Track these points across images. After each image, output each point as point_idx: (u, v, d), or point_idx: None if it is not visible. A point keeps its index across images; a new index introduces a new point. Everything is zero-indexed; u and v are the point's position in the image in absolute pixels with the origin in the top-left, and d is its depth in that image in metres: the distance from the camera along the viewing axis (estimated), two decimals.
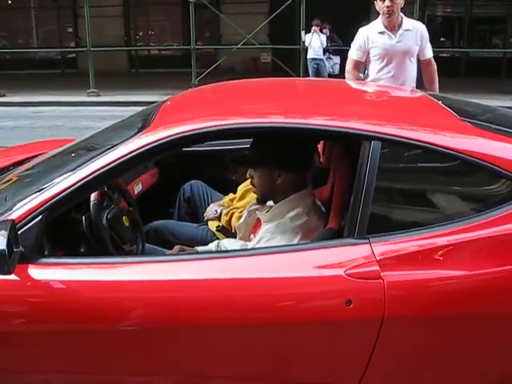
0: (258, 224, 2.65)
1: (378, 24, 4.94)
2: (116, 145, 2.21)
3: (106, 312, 2.00)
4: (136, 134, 2.24)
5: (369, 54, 4.97)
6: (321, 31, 13.97)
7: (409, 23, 4.90)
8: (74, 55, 19.45)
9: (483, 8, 20.04)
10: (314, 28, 13.81)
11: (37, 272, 2.01)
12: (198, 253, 2.63)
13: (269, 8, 17.26)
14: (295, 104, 2.56)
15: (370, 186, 2.03)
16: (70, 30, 20.45)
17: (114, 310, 2.01)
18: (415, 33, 4.85)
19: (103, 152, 2.18)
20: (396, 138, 2.10)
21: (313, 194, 2.58)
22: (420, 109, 2.67)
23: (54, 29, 20.67)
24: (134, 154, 2.12)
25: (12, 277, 1.95)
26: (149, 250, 2.86)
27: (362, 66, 5.16)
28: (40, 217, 2.04)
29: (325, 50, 14.13)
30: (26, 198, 2.12)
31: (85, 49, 15.04)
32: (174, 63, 17.83)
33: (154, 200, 3.69)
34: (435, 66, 4.96)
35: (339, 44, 14.48)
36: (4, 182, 2.65)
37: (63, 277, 2.05)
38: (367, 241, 2.01)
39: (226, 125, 2.18)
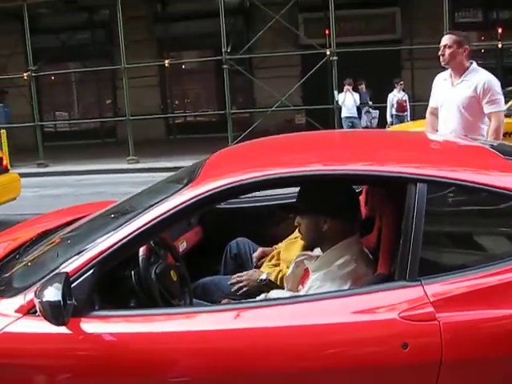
0: (305, 275, 2.63)
1: (449, 71, 4.83)
2: (161, 200, 2.25)
3: (158, 364, 1.99)
4: (181, 188, 2.29)
5: None
6: (356, 88, 14.17)
7: (472, 73, 4.66)
8: (114, 125, 19.99)
9: None
10: (346, 87, 14.02)
11: (89, 325, 2.03)
12: (249, 302, 2.62)
13: (301, 70, 17.61)
14: (334, 152, 2.60)
15: (419, 228, 2.02)
16: (109, 101, 21.13)
17: (166, 362, 2.00)
18: (472, 84, 4.60)
19: (149, 207, 2.23)
20: (441, 180, 2.10)
21: (360, 242, 2.57)
22: (464, 151, 2.67)
23: (94, 101, 21.36)
24: (180, 207, 2.16)
25: (64, 330, 1.98)
26: (196, 305, 2.86)
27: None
28: (91, 271, 2.08)
29: (358, 108, 14.31)
30: (78, 253, 2.17)
31: (124, 118, 15.50)
32: (210, 129, 18.17)
33: (198, 258, 3.72)
34: (498, 124, 4.57)
35: (367, 102, 14.67)
36: (54, 241, 2.71)
37: (115, 329, 2.06)
38: (419, 283, 1.98)
39: (268, 175, 2.22)
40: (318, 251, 2.61)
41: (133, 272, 2.49)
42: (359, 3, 17.38)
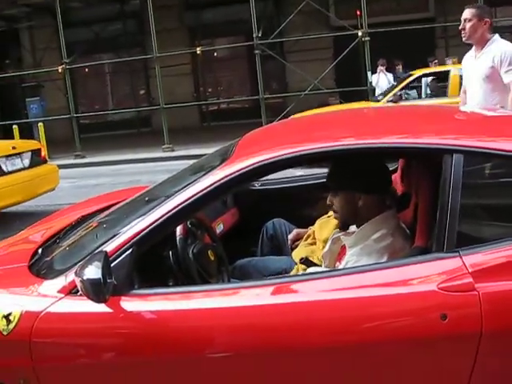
0: (342, 251, 2.63)
1: (473, 47, 4.86)
2: (195, 180, 2.27)
3: (197, 340, 2.02)
4: (217, 166, 2.30)
5: None
6: (393, 68, 13.94)
7: (492, 45, 4.66)
8: (148, 114, 20.14)
9: None
10: (379, 68, 13.85)
11: (129, 303, 2.07)
12: (286, 276, 2.64)
13: (333, 53, 17.44)
14: (368, 127, 2.58)
15: (456, 200, 2.00)
16: (143, 91, 21.28)
17: (205, 338, 2.03)
18: (491, 55, 4.62)
19: (183, 188, 2.25)
20: (478, 150, 2.07)
21: (397, 216, 2.56)
22: (499, 121, 2.62)
23: (128, 91, 21.54)
24: (217, 184, 2.17)
25: (105, 309, 2.02)
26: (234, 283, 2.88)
27: None
28: (130, 250, 2.11)
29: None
30: (115, 235, 2.20)
31: (158, 107, 15.61)
32: (244, 115, 18.14)
33: (235, 239, 3.73)
34: None
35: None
36: (92, 226, 2.76)
37: (155, 307, 2.09)
38: (457, 254, 1.96)
39: (302, 151, 2.21)
40: (353, 228, 2.60)
41: (171, 252, 2.52)
42: None
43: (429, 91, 12.53)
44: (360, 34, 14.20)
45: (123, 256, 2.10)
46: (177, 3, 19.12)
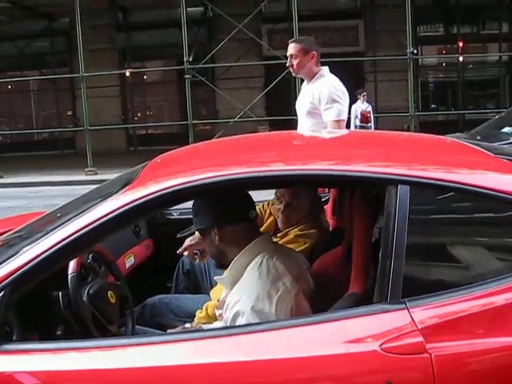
0: None
1: None
2: (94, 205, 1.88)
3: None
4: (119, 190, 1.91)
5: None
6: None
7: (317, 81, 4.37)
8: (72, 136, 19.46)
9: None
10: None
11: None
12: (198, 331, 2.23)
13: (264, 82, 17.41)
14: (297, 152, 2.26)
15: (402, 240, 1.67)
16: (70, 112, 20.61)
17: None
18: (312, 91, 4.34)
19: (79, 214, 1.85)
20: (427, 181, 1.76)
21: (271, 239, 2.26)
22: (443, 148, 2.35)
23: (53, 111, 20.81)
24: (116, 212, 1.78)
25: None
26: (140, 332, 2.47)
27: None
28: (1, 293, 1.68)
29: None
30: None
31: (82, 128, 15.03)
32: (172, 140, 17.61)
33: (149, 274, 3.34)
34: None
35: None
36: None
37: (30, 367, 1.66)
38: (404, 306, 1.63)
39: (223, 175, 1.86)
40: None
41: (61, 293, 2.09)
42: (323, 15, 17.37)
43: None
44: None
45: None
46: (107, 24, 18.69)
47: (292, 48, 4.39)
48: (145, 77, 20.37)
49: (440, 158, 2.05)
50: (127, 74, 17.05)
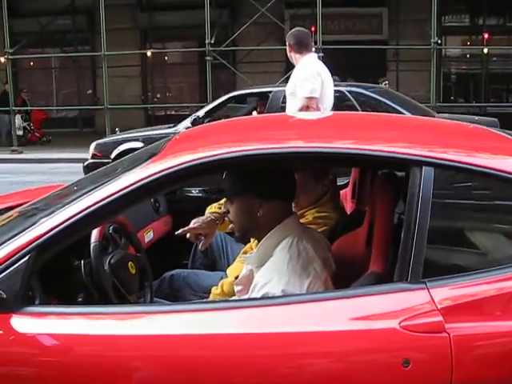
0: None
1: None
2: (118, 176, 1.90)
3: (108, 375, 1.63)
4: (143, 163, 1.93)
5: None
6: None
7: (297, 65, 5.27)
8: (92, 114, 19.53)
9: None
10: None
11: (21, 323, 1.66)
12: (214, 302, 2.26)
13: (285, 67, 17.31)
14: (319, 131, 2.26)
15: (425, 221, 1.67)
16: (90, 91, 20.66)
17: (119, 373, 1.64)
18: (292, 75, 5.33)
19: (103, 184, 1.87)
20: (452, 163, 1.76)
21: (299, 221, 2.26)
22: (470, 133, 2.34)
23: (74, 89, 20.86)
24: (139, 184, 1.79)
25: None
26: (155, 303, 2.50)
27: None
28: (26, 258, 1.71)
29: None
30: (12, 237, 1.79)
31: (102, 106, 15.07)
32: None
33: (167, 250, 3.36)
34: (300, 106, 5.00)
35: None
36: None
37: (53, 330, 1.69)
38: (424, 286, 1.63)
39: (243, 151, 1.87)
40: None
41: (83, 261, 2.13)
42: (347, 1, 17.17)
43: None
44: (314, 49, 14.05)
45: (18, 264, 1.70)
46: (130, 3, 18.67)
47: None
48: (166, 58, 20.29)
49: (462, 142, 2.04)
50: (148, 54, 17.01)
